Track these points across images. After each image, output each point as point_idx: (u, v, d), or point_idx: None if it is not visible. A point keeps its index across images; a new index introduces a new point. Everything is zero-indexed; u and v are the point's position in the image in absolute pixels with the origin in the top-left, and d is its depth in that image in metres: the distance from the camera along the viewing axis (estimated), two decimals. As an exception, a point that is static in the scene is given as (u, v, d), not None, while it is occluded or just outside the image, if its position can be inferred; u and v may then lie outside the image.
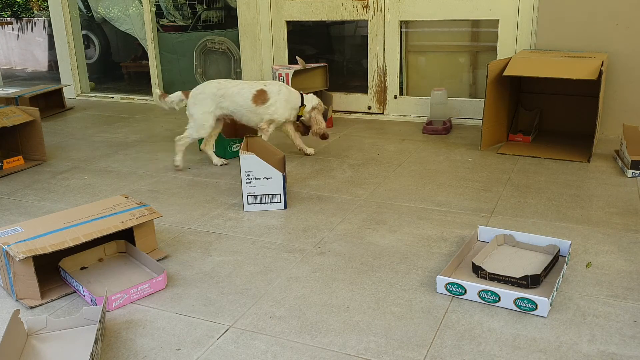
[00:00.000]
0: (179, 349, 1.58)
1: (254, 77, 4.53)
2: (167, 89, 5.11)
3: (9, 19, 7.90)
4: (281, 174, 2.49)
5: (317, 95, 4.20)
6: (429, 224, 2.34)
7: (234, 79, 4.88)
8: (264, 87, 3.09)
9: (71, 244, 1.85)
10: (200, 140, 3.45)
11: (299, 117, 3.19)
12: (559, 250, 1.99)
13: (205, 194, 2.75)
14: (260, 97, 3.07)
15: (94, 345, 1.48)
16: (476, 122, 3.88)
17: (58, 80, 5.46)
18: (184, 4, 5.30)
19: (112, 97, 5.27)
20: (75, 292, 1.88)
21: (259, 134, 3.07)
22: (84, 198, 2.75)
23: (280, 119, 3.13)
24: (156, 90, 3.27)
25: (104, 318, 1.66)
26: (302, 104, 3.15)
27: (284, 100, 3.10)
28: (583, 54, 3.32)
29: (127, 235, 2.09)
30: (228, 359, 1.53)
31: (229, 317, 1.72)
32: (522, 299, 1.69)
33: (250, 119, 3.12)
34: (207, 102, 3.05)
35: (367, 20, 4.10)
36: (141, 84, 5.81)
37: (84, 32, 5.59)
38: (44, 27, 7.71)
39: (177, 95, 3.12)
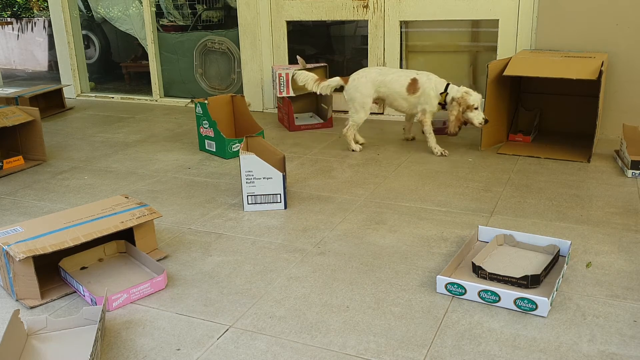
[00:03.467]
0: (179, 349, 1.58)
1: (254, 77, 4.53)
2: (167, 89, 5.12)
3: (9, 19, 7.90)
4: (281, 174, 2.49)
5: (317, 95, 4.21)
6: (429, 224, 2.34)
7: (234, 79, 4.89)
8: (416, 76, 3.22)
9: (71, 244, 1.85)
10: (202, 141, 3.45)
11: (443, 105, 3.21)
12: (559, 250, 1.99)
13: (205, 194, 2.75)
14: (413, 86, 3.21)
15: (94, 345, 1.48)
16: (476, 122, 3.88)
17: (58, 80, 5.46)
18: (184, 4, 5.29)
19: (112, 97, 5.27)
20: (75, 292, 1.88)
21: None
22: (84, 198, 2.75)
23: (432, 109, 3.22)
24: (311, 75, 3.40)
25: (104, 318, 1.66)
26: (445, 91, 3.17)
27: (431, 90, 3.19)
28: (583, 54, 3.32)
29: (127, 235, 2.09)
30: (228, 359, 1.53)
31: (229, 317, 1.72)
32: (522, 299, 1.69)
33: (401, 105, 3.30)
34: (368, 86, 3.26)
35: (367, 20, 4.10)
36: (141, 84, 5.81)
37: (84, 32, 5.59)
38: (44, 27, 7.71)
39: (336, 80, 3.35)
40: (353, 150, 3.36)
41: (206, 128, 3.37)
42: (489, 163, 3.10)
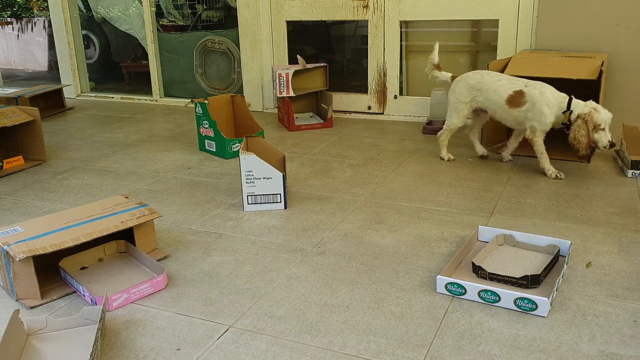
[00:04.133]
0: (179, 349, 1.58)
1: (254, 77, 4.53)
2: (167, 89, 5.12)
3: (9, 19, 7.90)
4: (281, 174, 2.49)
5: (317, 95, 4.22)
6: (429, 224, 2.34)
7: (234, 79, 4.88)
8: (524, 89, 2.83)
9: (71, 244, 1.85)
10: (202, 141, 3.45)
11: (567, 125, 2.77)
12: (559, 250, 1.99)
13: (205, 194, 2.75)
14: (516, 99, 2.83)
15: (94, 345, 1.48)
16: (476, 122, 3.88)
17: (58, 80, 5.46)
18: (184, 4, 5.29)
19: (112, 97, 5.27)
20: (75, 292, 1.88)
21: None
22: (84, 198, 2.75)
23: (543, 127, 2.81)
24: (433, 59, 3.22)
25: (104, 318, 1.66)
26: (568, 109, 2.73)
27: (544, 105, 2.77)
28: (583, 54, 3.32)
29: (127, 235, 2.09)
30: (228, 359, 1.53)
31: (229, 317, 1.72)
32: (522, 299, 1.69)
33: (504, 119, 2.95)
34: (464, 92, 2.99)
35: (367, 20, 4.10)
36: (141, 84, 5.81)
37: (84, 32, 5.59)
38: (44, 27, 7.71)
39: (446, 75, 3.15)
40: (442, 158, 3.15)
41: (206, 128, 3.37)
42: (489, 163, 3.10)
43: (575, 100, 2.73)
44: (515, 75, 3.18)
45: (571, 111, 2.72)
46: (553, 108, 2.76)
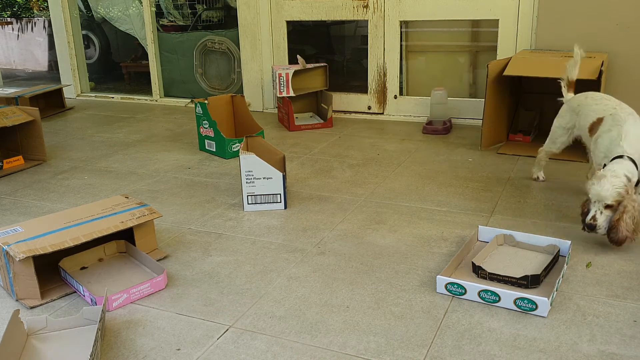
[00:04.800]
0: (179, 349, 1.58)
1: (254, 77, 4.53)
2: (167, 89, 5.12)
3: (9, 19, 7.90)
4: (281, 174, 2.49)
5: (317, 95, 4.22)
6: (429, 224, 2.34)
7: (234, 79, 4.88)
8: (607, 117, 2.23)
9: (71, 244, 1.85)
10: (202, 141, 3.45)
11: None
12: (559, 250, 1.99)
13: (205, 194, 2.75)
14: (595, 127, 2.28)
15: (94, 345, 1.48)
16: (476, 122, 3.88)
17: (58, 80, 5.45)
18: (184, 4, 5.29)
19: (112, 97, 5.27)
20: (75, 292, 1.88)
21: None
22: (84, 198, 2.75)
23: (597, 166, 2.20)
24: (572, 74, 2.63)
25: (104, 318, 1.66)
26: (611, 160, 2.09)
27: (603, 144, 2.17)
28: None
29: (127, 235, 2.09)
30: (228, 359, 1.53)
31: (229, 317, 1.72)
32: (522, 299, 1.69)
33: (592, 151, 2.32)
34: (566, 116, 2.55)
35: (367, 20, 4.10)
36: (141, 84, 5.81)
37: (84, 32, 5.59)
38: (44, 27, 7.71)
39: (569, 96, 2.62)
40: (534, 178, 2.78)
41: (206, 128, 3.37)
42: (489, 163, 3.10)
43: (620, 160, 2.05)
44: (514, 75, 3.18)
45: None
46: (610, 149, 2.13)
